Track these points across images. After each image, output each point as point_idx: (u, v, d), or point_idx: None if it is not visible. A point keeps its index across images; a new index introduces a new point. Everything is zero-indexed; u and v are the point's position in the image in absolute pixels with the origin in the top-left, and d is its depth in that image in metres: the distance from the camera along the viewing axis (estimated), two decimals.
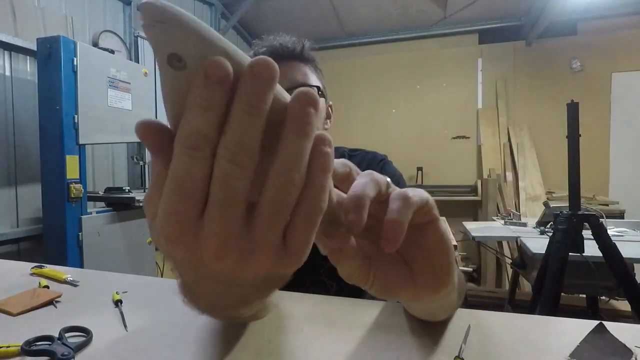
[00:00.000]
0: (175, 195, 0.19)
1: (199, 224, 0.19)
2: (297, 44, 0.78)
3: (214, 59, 0.17)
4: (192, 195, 0.19)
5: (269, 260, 0.21)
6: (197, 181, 0.19)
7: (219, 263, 0.20)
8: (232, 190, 0.19)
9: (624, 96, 3.87)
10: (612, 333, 0.44)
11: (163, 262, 2.81)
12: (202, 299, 0.27)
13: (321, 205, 0.21)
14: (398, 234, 0.25)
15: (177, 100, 0.18)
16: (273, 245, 0.20)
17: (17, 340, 0.43)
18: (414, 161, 4.37)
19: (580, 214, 1.51)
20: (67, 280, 0.68)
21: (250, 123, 0.18)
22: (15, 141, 2.15)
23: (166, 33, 0.17)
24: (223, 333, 0.48)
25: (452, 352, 0.42)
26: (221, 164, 0.18)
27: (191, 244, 0.20)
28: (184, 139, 0.18)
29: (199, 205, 0.19)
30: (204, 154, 0.18)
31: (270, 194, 0.19)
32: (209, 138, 0.18)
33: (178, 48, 0.17)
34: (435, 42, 4.44)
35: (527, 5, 3.80)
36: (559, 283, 1.47)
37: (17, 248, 2.17)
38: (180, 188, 0.19)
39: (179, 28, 0.17)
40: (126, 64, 2.37)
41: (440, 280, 0.30)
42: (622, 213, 3.17)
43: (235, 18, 4.16)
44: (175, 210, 0.19)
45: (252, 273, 0.21)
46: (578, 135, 1.54)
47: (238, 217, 0.19)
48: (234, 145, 0.18)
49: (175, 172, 0.19)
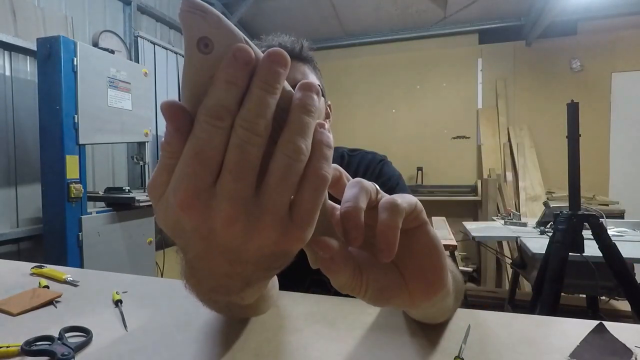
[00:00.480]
0: (193, 161, 0.21)
1: (212, 192, 0.21)
2: (296, 43, 0.78)
3: (241, 45, 0.21)
4: (210, 161, 0.21)
5: (275, 230, 0.22)
6: (215, 148, 0.21)
7: (228, 229, 0.21)
8: (246, 155, 0.21)
9: (624, 96, 3.87)
10: (612, 333, 0.44)
11: (163, 262, 2.82)
12: (204, 280, 0.27)
13: (325, 175, 0.22)
14: (392, 243, 0.26)
15: (198, 80, 0.21)
16: (280, 212, 0.22)
17: (17, 340, 0.43)
18: (414, 161, 4.37)
19: (580, 214, 1.51)
20: (67, 280, 0.68)
21: (265, 98, 0.21)
22: (15, 141, 2.15)
23: (202, 20, 0.20)
24: (223, 333, 0.48)
25: (452, 352, 0.42)
26: (238, 132, 0.21)
27: (203, 210, 0.21)
28: (209, 110, 0.21)
29: (213, 173, 0.21)
30: (225, 124, 0.21)
31: (280, 160, 0.21)
32: (230, 110, 0.21)
33: (209, 33, 0.20)
34: (435, 42, 4.44)
35: (527, 5, 3.80)
36: (559, 283, 1.47)
37: (17, 248, 2.17)
38: (200, 155, 0.21)
39: (212, 17, 0.20)
40: (126, 64, 2.37)
41: (433, 285, 0.30)
42: (622, 213, 3.17)
43: (235, 18, 4.16)
44: (193, 175, 0.21)
45: (258, 244, 0.22)
46: (578, 135, 1.54)
47: (250, 182, 0.21)
48: (252, 116, 0.21)
49: (196, 140, 0.21)
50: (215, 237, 0.22)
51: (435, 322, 0.47)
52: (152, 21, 3.28)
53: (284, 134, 0.22)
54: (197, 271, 0.27)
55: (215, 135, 0.21)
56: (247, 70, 0.21)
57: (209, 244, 0.23)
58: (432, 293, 0.30)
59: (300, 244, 0.23)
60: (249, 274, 0.26)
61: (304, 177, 0.22)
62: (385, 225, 0.26)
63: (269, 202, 0.21)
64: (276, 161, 0.21)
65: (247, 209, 0.21)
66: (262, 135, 0.21)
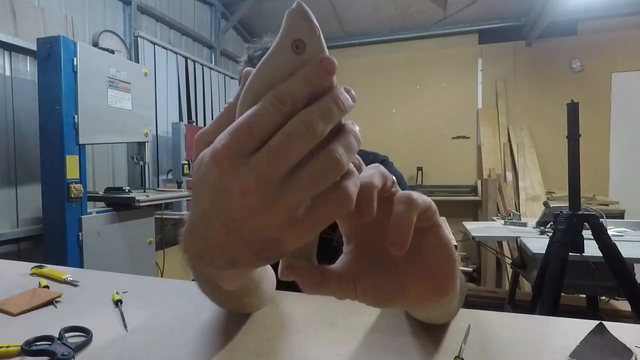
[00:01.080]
0: (243, 127, 0.22)
1: (245, 159, 0.22)
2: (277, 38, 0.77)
3: (331, 57, 0.23)
4: (256, 135, 0.22)
5: (283, 218, 0.23)
6: (266, 126, 0.22)
7: (242, 197, 0.22)
8: (290, 146, 0.22)
9: (624, 96, 3.87)
10: (612, 333, 0.44)
11: (163, 262, 2.82)
12: (196, 241, 0.27)
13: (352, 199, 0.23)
14: (405, 236, 0.26)
15: (276, 73, 0.23)
16: (296, 206, 0.22)
17: (17, 340, 0.43)
18: (414, 161, 4.37)
19: (580, 214, 1.51)
20: (67, 280, 0.68)
21: (334, 110, 0.23)
22: (15, 141, 2.15)
23: (305, 24, 0.23)
24: (223, 333, 0.48)
25: (452, 352, 0.42)
26: (295, 122, 0.22)
27: (230, 171, 0.22)
28: (277, 93, 0.22)
29: (255, 145, 0.22)
30: (286, 109, 0.22)
31: (320, 163, 0.22)
32: (296, 100, 0.22)
33: (306, 38, 0.23)
34: (435, 42, 4.44)
35: (527, 5, 3.80)
36: (559, 283, 1.47)
37: (17, 248, 2.17)
38: (250, 125, 0.22)
39: (314, 27, 0.23)
40: (126, 64, 2.37)
41: (441, 288, 0.30)
42: (622, 213, 3.17)
43: (235, 18, 4.17)
44: (237, 138, 0.22)
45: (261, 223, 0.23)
46: (578, 135, 1.54)
47: (281, 170, 0.22)
48: (315, 116, 0.22)
49: (253, 112, 0.22)
50: (227, 200, 0.23)
51: (438, 322, 0.47)
52: (152, 21, 3.28)
53: (334, 143, 0.23)
54: (195, 229, 0.27)
55: (272, 115, 0.22)
56: (325, 78, 0.23)
57: (218, 204, 0.24)
58: (439, 295, 0.30)
59: (297, 242, 0.24)
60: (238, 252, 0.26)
61: (332, 188, 0.23)
62: (400, 218, 0.26)
63: (290, 194, 0.22)
64: (316, 163, 0.22)
65: (268, 188, 0.22)
66: (315, 136, 0.22)
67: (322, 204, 0.23)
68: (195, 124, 3.53)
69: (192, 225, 0.28)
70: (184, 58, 3.56)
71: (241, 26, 4.51)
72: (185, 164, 3.07)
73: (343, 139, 0.24)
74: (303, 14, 0.23)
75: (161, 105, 3.24)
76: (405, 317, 0.51)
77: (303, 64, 0.23)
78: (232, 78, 4.33)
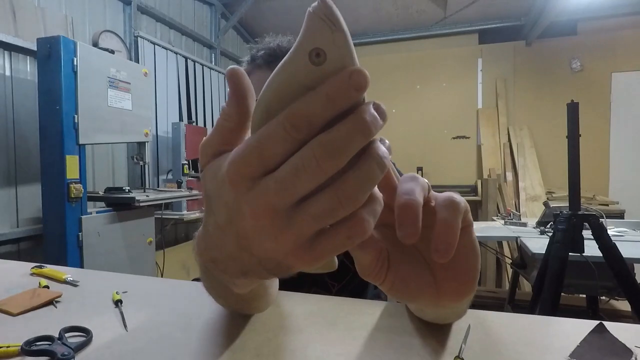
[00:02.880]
0: (253, 150, 0.20)
1: (257, 180, 0.21)
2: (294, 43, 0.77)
3: (362, 69, 0.19)
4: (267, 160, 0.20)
5: (292, 246, 0.22)
6: (277, 153, 0.20)
7: (254, 220, 0.22)
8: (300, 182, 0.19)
9: (624, 96, 3.87)
10: (612, 333, 0.44)
11: (163, 262, 2.81)
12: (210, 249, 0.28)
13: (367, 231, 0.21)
14: (451, 243, 0.25)
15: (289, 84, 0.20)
16: (306, 236, 0.21)
17: (17, 340, 0.43)
18: (414, 161, 4.37)
19: (580, 214, 1.51)
20: (67, 280, 0.68)
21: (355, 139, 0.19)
22: (15, 141, 2.15)
23: (328, 31, 0.19)
24: (223, 333, 0.48)
25: (452, 352, 0.42)
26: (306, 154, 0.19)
27: (244, 192, 0.21)
28: (292, 116, 0.19)
29: (267, 168, 0.20)
30: (300, 137, 0.19)
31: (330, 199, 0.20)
32: (312, 127, 0.19)
33: (327, 47, 0.19)
34: (435, 42, 4.44)
35: (527, 5, 3.80)
36: (559, 283, 1.47)
37: (17, 248, 2.17)
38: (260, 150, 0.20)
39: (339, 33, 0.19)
40: (126, 64, 2.37)
41: (465, 287, 0.30)
42: (622, 213, 3.17)
43: (235, 18, 4.16)
44: (247, 161, 0.20)
45: (271, 248, 0.22)
46: (578, 135, 1.54)
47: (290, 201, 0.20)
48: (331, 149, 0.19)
49: (265, 134, 0.20)
50: (239, 220, 0.23)
51: (444, 322, 0.47)
52: (152, 21, 3.28)
53: (348, 176, 0.20)
54: (209, 237, 0.27)
55: (283, 141, 0.19)
56: (352, 96, 0.19)
57: (232, 221, 0.24)
58: (462, 295, 0.30)
59: (307, 268, 0.23)
60: (249, 266, 0.26)
61: (345, 220, 0.21)
62: (446, 225, 0.25)
63: (300, 223, 0.21)
64: (327, 197, 0.20)
65: (276, 216, 0.21)
66: (328, 172, 0.19)
67: (332, 234, 0.21)
68: (195, 124, 3.53)
69: (206, 233, 0.28)
70: (184, 58, 3.56)
71: (241, 26, 4.51)
72: (185, 164, 3.07)
73: (363, 168, 0.20)
74: (325, 15, 0.18)
75: (161, 105, 3.24)
76: (409, 317, 0.51)
77: (325, 76, 0.19)
78: None
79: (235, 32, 4.55)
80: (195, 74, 3.72)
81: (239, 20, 4.30)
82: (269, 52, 0.75)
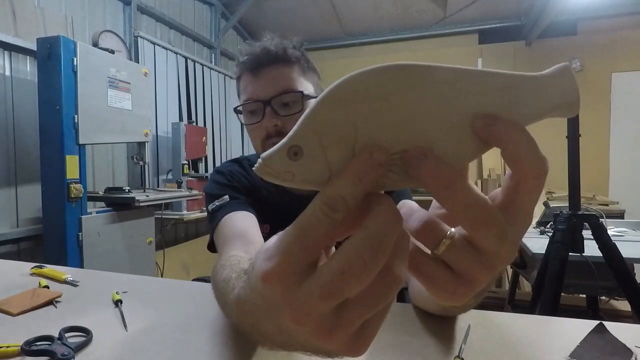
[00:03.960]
0: (295, 239, 0.19)
1: (297, 285, 0.19)
2: (279, 46, 0.73)
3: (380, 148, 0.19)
4: (308, 249, 0.19)
5: (340, 343, 0.20)
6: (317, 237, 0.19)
7: (297, 326, 0.20)
8: (344, 284, 0.18)
9: (624, 96, 3.87)
10: (612, 333, 0.44)
11: (163, 262, 2.81)
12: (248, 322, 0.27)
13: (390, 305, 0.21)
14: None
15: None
16: (352, 332, 0.20)
17: (17, 340, 0.43)
18: None
19: (580, 214, 1.51)
20: (67, 280, 0.68)
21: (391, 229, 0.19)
22: (15, 141, 2.15)
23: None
24: (223, 333, 0.48)
25: (452, 352, 0.42)
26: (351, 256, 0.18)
27: (282, 289, 0.20)
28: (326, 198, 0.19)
29: (306, 262, 0.19)
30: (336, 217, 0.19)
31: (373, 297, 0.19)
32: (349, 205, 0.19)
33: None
34: (435, 42, 4.44)
35: (527, 5, 3.80)
36: (559, 283, 1.46)
37: (17, 248, 2.17)
38: (301, 238, 0.19)
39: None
40: (126, 64, 2.37)
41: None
42: (622, 213, 3.16)
43: (235, 18, 4.16)
44: (288, 258, 0.19)
45: (317, 346, 0.21)
46: (578, 135, 1.53)
47: (334, 304, 0.19)
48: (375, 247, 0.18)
49: (304, 223, 0.19)
50: (280, 318, 0.22)
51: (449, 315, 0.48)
52: (152, 21, 3.28)
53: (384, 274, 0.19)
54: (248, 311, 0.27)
55: (324, 225, 0.19)
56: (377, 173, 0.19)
57: (271, 315, 0.23)
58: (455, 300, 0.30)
59: (360, 355, 0.22)
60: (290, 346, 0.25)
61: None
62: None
63: (347, 323, 0.20)
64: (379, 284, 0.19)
65: (322, 319, 0.20)
66: (375, 272, 0.18)
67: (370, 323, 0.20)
68: (195, 123, 3.53)
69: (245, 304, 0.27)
70: (184, 58, 3.56)
71: (241, 26, 4.51)
72: (185, 164, 3.07)
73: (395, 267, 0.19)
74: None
75: (161, 105, 3.24)
76: (415, 313, 0.51)
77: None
78: (232, 78, 4.31)
79: (235, 32, 4.55)
80: (195, 74, 3.72)
81: (239, 20, 4.30)
82: (253, 57, 0.73)
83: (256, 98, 0.72)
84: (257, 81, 0.73)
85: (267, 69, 0.73)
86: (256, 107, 0.73)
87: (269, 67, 0.73)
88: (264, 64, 0.73)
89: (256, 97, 0.72)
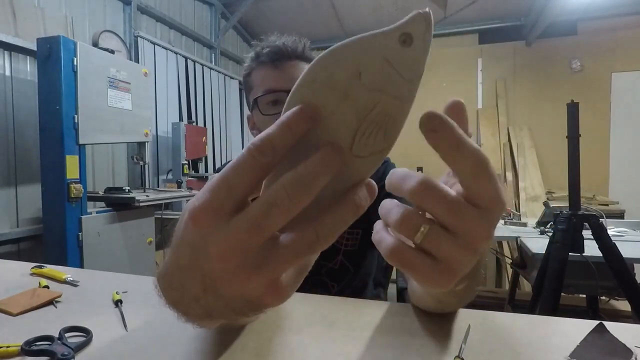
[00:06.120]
0: (221, 180, 0.20)
1: (223, 217, 0.20)
2: (299, 43, 0.77)
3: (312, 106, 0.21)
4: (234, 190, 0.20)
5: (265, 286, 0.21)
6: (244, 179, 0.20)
7: (220, 262, 0.21)
8: (270, 216, 0.19)
9: (624, 96, 3.87)
10: (612, 333, 0.44)
11: None
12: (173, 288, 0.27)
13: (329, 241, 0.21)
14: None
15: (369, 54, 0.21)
16: (277, 275, 0.21)
17: (17, 340, 0.43)
18: (414, 161, 4.36)
19: (580, 214, 1.51)
20: (67, 280, 0.68)
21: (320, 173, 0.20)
22: (15, 141, 2.15)
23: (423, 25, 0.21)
24: (223, 333, 0.48)
25: (452, 352, 0.42)
26: (278, 190, 0.19)
27: (206, 229, 0.20)
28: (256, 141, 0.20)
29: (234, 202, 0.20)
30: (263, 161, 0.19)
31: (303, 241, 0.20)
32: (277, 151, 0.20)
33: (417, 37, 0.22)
34: (435, 42, 4.30)
35: (527, 5, 3.80)
36: (559, 283, 1.46)
37: (17, 248, 2.17)
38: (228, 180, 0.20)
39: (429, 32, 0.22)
40: (126, 64, 2.37)
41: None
42: (622, 213, 3.16)
43: (235, 18, 4.16)
44: (215, 196, 0.20)
45: (241, 289, 0.21)
46: (578, 135, 1.53)
47: (259, 241, 0.20)
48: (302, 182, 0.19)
49: (233, 164, 0.20)
50: (204, 260, 0.22)
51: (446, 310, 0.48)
52: (152, 21, 3.28)
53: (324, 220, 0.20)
54: (171, 276, 0.26)
55: (251, 167, 0.20)
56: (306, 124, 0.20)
57: (196, 261, 0.23)
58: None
59: (280, 303, 0.22)
60: (215, 308, 0.25)
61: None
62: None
63: (272, 264, 0.20)
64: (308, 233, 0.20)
65: (247, 256, 0.20)
66: (300, 207, 0.19)
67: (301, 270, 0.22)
68: (195, 123, 3.53)
69: (167, 273, 0.27)
70: (184, 58, 3.56)
71: (241, 26, 4.51)
72: (185, 163, 3.07)
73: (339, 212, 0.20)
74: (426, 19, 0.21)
75: (161, 105, 3.24)
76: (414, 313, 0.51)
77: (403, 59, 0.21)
78: (232, 78, 4.33)
79: (235, 32, 4.55)
80: (195, 74, 3.72)
81: (239, 21, 4.30)
82: (274, 49, 0.76)
83: (280, 88, 0.73)
84: (280, 73, 0.75)
85: (289, 62, 0.75)
86: (278, 98, 0.74)
87: (290, 61, 0.76)
88: (285, 57, 0.75)
89: (280, 88, 0.73)
